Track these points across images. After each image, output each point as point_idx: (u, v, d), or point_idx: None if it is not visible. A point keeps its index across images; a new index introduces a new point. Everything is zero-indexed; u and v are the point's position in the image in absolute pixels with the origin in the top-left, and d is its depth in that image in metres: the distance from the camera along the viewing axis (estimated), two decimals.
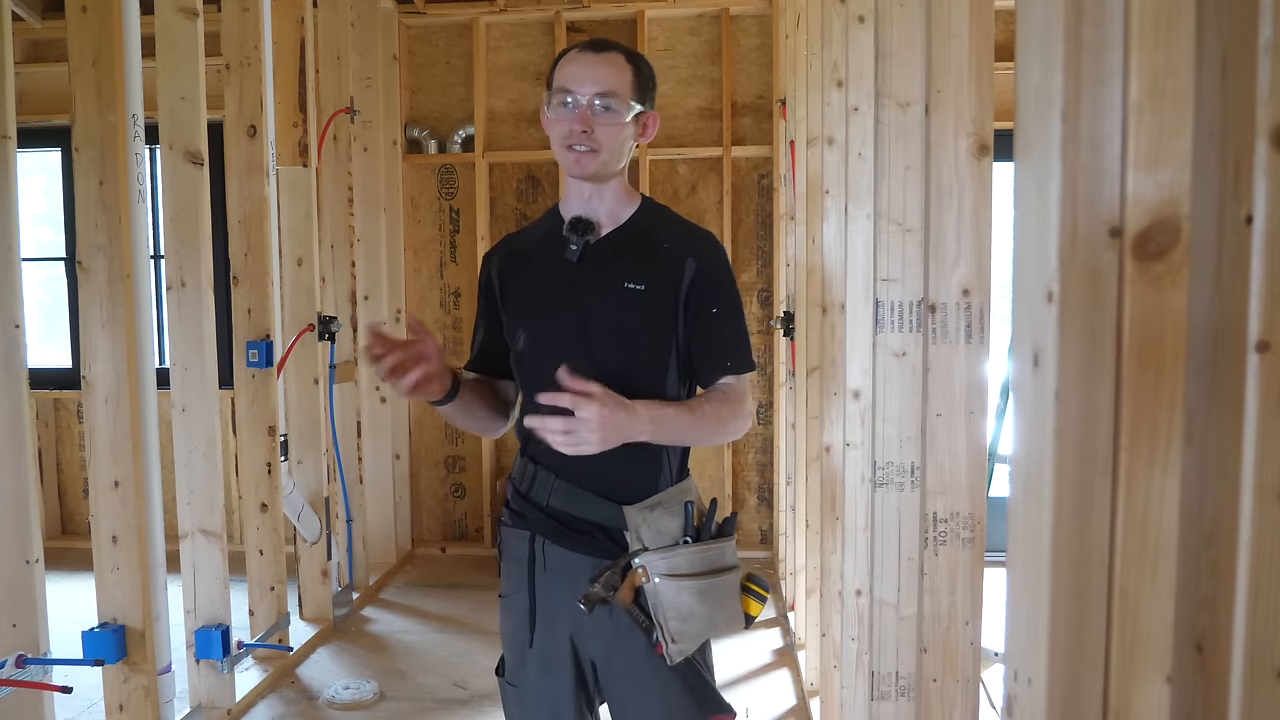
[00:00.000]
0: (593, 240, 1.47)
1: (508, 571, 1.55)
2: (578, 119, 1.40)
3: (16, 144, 2.17)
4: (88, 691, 2.78)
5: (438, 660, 3.34)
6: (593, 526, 1.46)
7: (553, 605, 1.48)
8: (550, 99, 1.44)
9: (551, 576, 1.47)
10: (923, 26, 1.49)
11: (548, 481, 1.47)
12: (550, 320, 1.47)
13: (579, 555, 1.45)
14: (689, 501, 1.46)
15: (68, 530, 4.78)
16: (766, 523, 4.51)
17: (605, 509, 1.44)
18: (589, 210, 1.49)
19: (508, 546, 1.54)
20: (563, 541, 1.47)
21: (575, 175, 1.45)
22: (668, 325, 1.45)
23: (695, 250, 1.48)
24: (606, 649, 1.46)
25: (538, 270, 1.51)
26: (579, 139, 1.41)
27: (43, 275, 4.82)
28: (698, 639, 1.41)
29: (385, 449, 4.33)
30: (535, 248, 1.54)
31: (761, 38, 4.36)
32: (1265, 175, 0.58)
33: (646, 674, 1.44)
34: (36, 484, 2.23)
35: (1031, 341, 0.69)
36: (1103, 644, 0.67)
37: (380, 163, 4.20)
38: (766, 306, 4.43)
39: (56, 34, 4.36)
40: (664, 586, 1.39)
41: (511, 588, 1.53)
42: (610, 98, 1.40)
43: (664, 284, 1.45)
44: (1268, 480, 0.59)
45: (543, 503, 1.48)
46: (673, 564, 1.40)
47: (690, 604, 1.39)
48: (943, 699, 1.56)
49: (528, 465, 1.50)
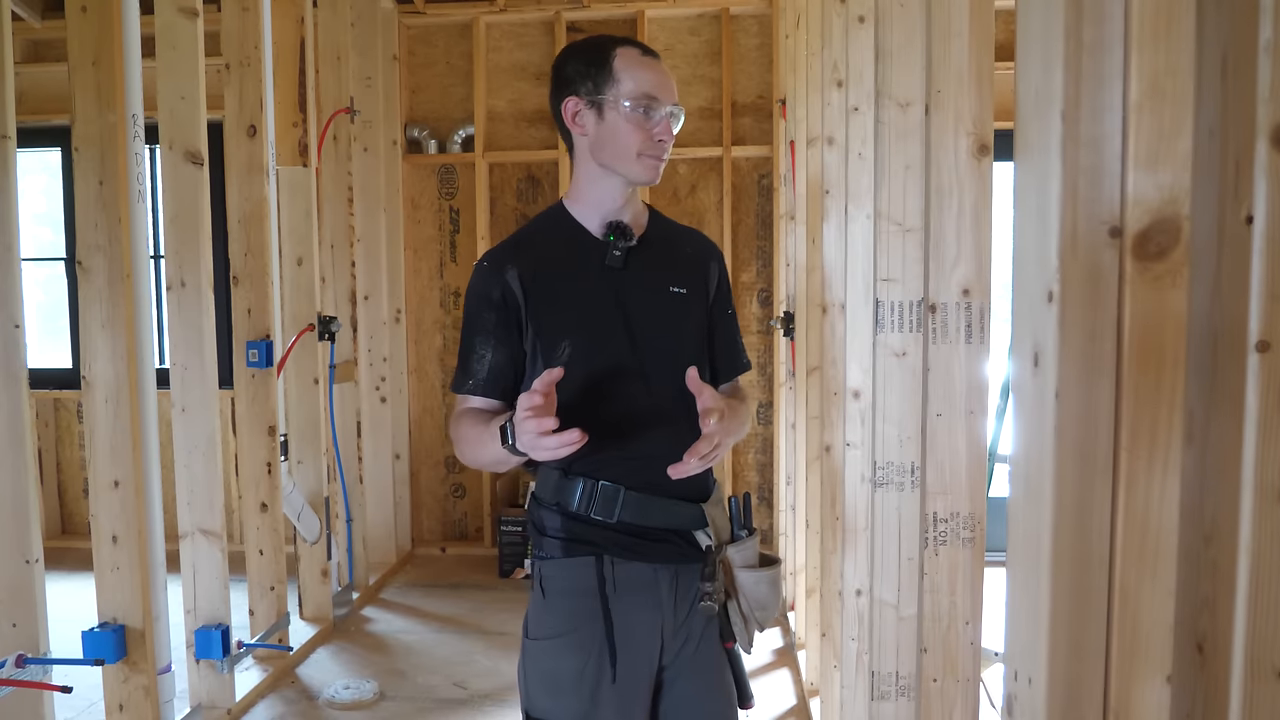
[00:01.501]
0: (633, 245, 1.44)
1: (558, 608, 1.40)
2: (664, 130, 1.39)
3: (16, 144, 2.17)
4: (88, 691, 2.78)
5: (438, 660, 3.34)
6: (669, 533, 1.41)
7: (632, 626, 1.39)
8: (620, 101, 1.38)
9: (623, 597, 1.39)
10: (923, 26, 1.49)
11: (613, 496, 1.38)
12: (599, 329, 1.40)
13: (654, 566, 1.40)
14: (732, 497, 1.48)
15: (68, 530, 4.77)
16: (766, 523, 4.51)
17: (686, 511, 1.42)
18: (623, 216, 1.45)
19: (561, 581, 1.40)
20: (637, 555, 1.39)
21: (649, 183, 1.43)
22: (703, 327, 1.49)
23: (713, 255, 1.55)
24: (678, 651, 1.44)
25: (574, 279, 1.42)
26: (661, 149, 1.40)
27: (43, 275, 4.82)
28: (767, 625, 1.48)
29: (385, 449, 4.33)
30: (563, 255, 1.44)
31: (761, 38, 4.35)
32: (1265, 175, 0.58)
33: (711, 670, 1.46)
34: (36, 484, 2.23)
35: (1031, 341, 0.69)
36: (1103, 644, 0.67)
37: (380, 163, 4.20)
38: (766, 306, 4.43)
39: (56, 34, 4.36)
40: (744, 578, 1.43)
41: (567, 624, 1.39)
42: (678, 107, 1.42)
43: (700, 287, 1.49)
44: (1268, 480, 0.59)
45: (611, 519, 1.38)
46: (745, 556, 1.44)
47: (766, 593, 1.45)
48: (943, 699, 1.56)
49: (580, 484, 1.39)
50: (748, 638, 1.46)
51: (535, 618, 1.43)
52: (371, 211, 4.17)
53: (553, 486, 1.42)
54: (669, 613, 1.41)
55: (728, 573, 1.42)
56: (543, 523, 1.43)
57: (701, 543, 1.42)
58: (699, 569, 1.40)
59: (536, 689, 1.40)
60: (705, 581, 1.36)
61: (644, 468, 1.35)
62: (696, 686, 1.44)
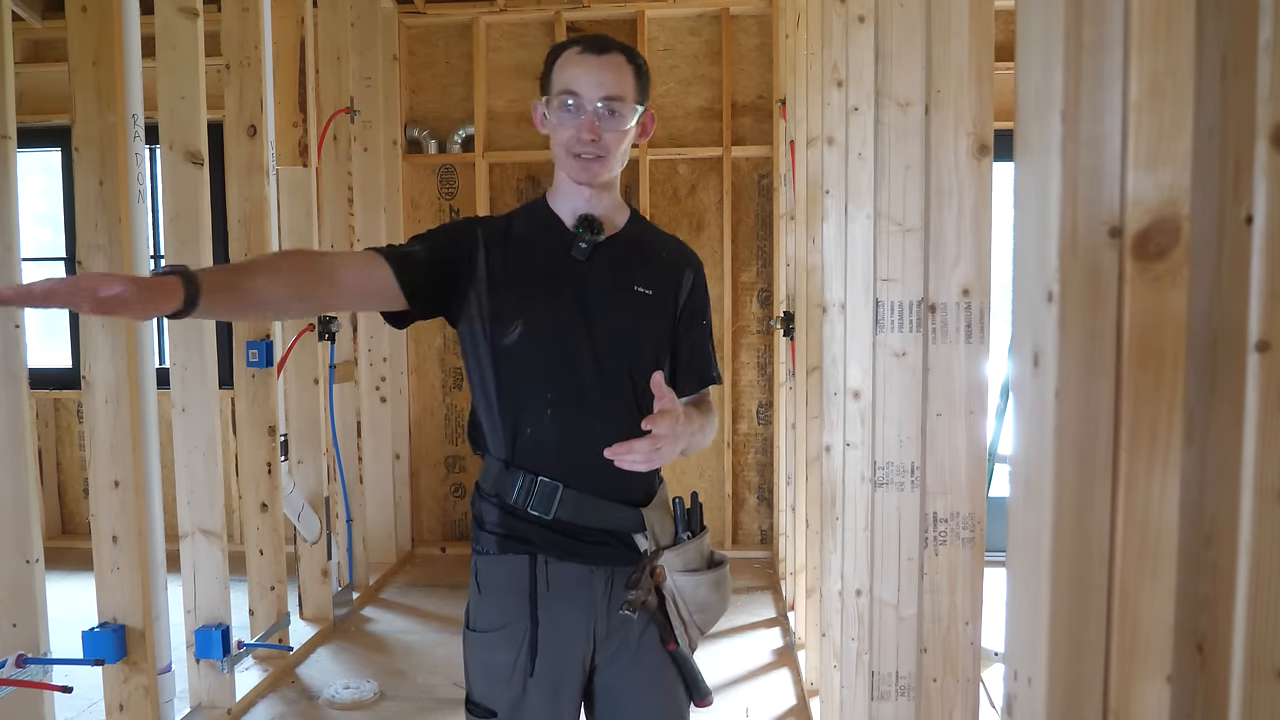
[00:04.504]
0: (600, 240, 1.43)
1: (491, 604, 1.42)
2: (586, 126, 1.36)
3: (16, 144, 2.17)
4: (88, 691, 2.78)
5: (438, 660, 3.34)
6: (606, 534, 1.41)
7: (562, 626, 1.40)
8: (551, 101, 1.39)
9: (556, 596, 1.40)
10: (923, 26, 1.49)
11: (551, 493, 1.38)
12: (553, 315, 1.40)
13: (589, 567, 1.41)
14: (677, 498, 1.49)
15: (68, 530, 4.77)
16: (766, 523, 4.51)
17: (624, 513, 1.42)
18: (593, 211, 1.45)
19: (493, 578, 1.42)
20: (572, 556, 1.40)
21: (582, 182, 1.41)
22: (666, 332, 1.48)
23: (691, 263, 1.54)
24: (614, 653, 1.44)
25: (538, 260, 1.42)
26: (588, 147, 1.38)
27: (43, 275, 4.81)
28: (710, 628, 1.47)
29: (385, 449, 4.33)
30: (533, 240, 1.45)
31: (761, 38, 4.36)
32: (1265, 175, 0.58)
33: (652, 671, 1.45)
34: (36, 484, 2.23)
35: (1031, 341, 0.69)
36: (1103, 644, 0.67)
37: (380, 163, 4.20)
38: (766, 306, 4.43)
39: (56, 34, 4.35)
40: (682, 582, 1.43)
41: (500, 619, 1.41)
42: (616, 102, 1.37)
43: (669, 292, 1.49)
44: (1268, 480, 0.59)
45: (547, 517, 1.38)
46: (686, 559, 1.44)
47: (707, 595, 1.45)
48: (943, 699, 1.56)
49: (520, 478, 1.39)
50: (689, 640, 1.46)
51: (474, 610, 1.45)
52: (371, 211, 4.17)
53: (493, 478, 1.42)
54: (602, 614, 1.41)
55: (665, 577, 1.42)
56: (482, 516, 1.44)
57: (640, 546, 1.42)
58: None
59: (476, 677, 1.44)
60: (629, 589, 1.38)
61: (589, 466, 1.34)
62: (634, 688, 1.45)
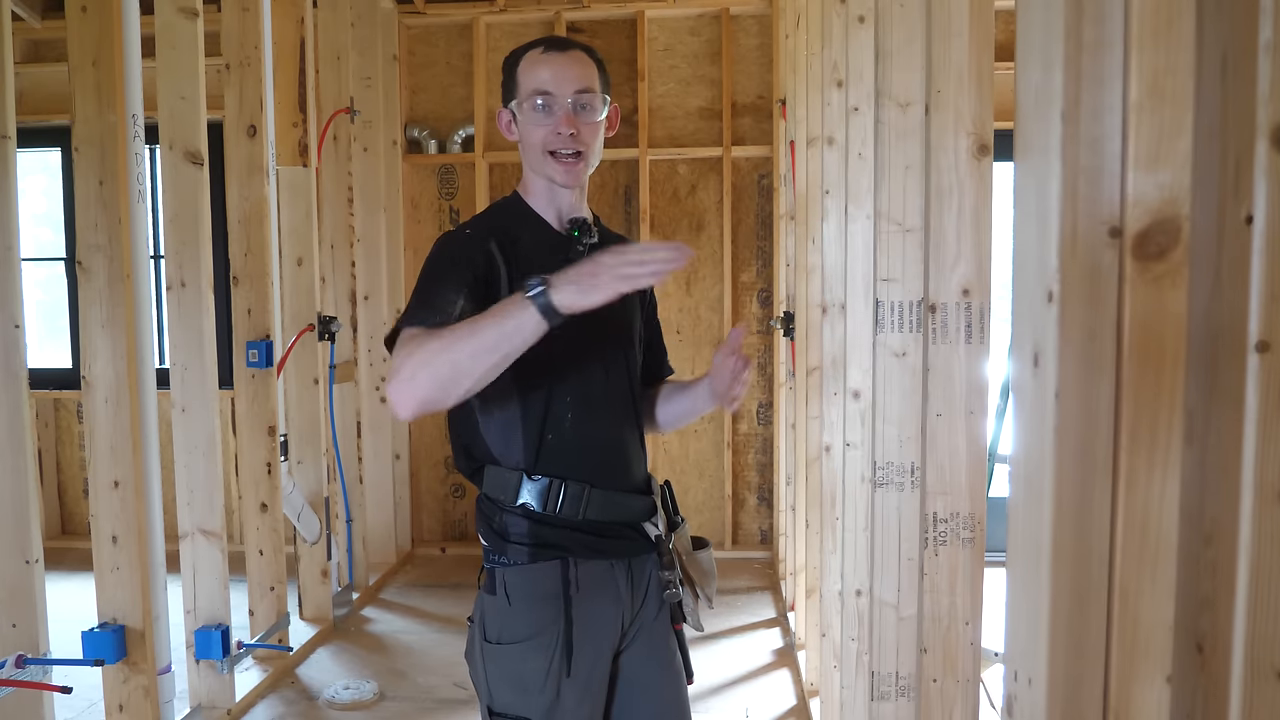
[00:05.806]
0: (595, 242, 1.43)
1: (522, 614, 1.38)
2: (564, 121, 1.36)
3: (16, 144, 2.17)
4: (88, 691, 2.78)
5: (438, 660, 3.34)
6: (624, 527, 1.43)
7: (594, 623, 1.40)
8: (521, 105, 1.39)
9: (585, 596, 1.39)
10: (923, 26, 1.49)
11: (579, 495, 1.38)
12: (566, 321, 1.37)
13: (611, 561, 1.42)
14: (665, 483, 1.54)
15: (68, 530, 4.77)
16: (766, 523, 4.51)
17: (640, 503, 1.46)
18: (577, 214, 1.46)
19: (525, 586, 1.39)
20: (598, 553, 1.40)
21: (565, 184, 1.41)
22: (640, 326, 1.55)
23: None
24: (633, 638, 1.46)
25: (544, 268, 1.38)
26: (567, 142, 1.37)
27: (43, 275, 4.82)
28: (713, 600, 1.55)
29: (385, 449, 4.33)
30: (530, 243, 1.43)
31: (761, 38, 4.35)
32: (1265, 175, 0.58)
33: (663, 651, 1.49)
34: (36, 484, 2.23)
35: (1031, 341, 0.69)
36: (1103, 644, 0.67)
37: (380, 163, 4.20)
38: (766, 306, 4.43)
39: (56, 34, 4.35)
40: (700, 558, 1.52)
41: (533, 628, 1.38)
42: (587, 94, 1.38)
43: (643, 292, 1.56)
44: (1268, 480, 0.59)
45: (575, 519, 1.38)
46: (684, 541, 1.51)
47: (711, 566, 1.54)
48: (943, 699, 1.56)
49: (548, 485, 1.38)
50: (698, 617, 1.53)
51: (498, 623, 1.39)
52: (371, 211, 4.17)
53: (513, 489, 1.39)
54: (627, 605, 1.44)
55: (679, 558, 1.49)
56: (506, 529, 1.40)
57: (650, 533, 1.45)
58: (648, 559, 1.46)
59: (501, 687, 1.39)
60: (666, 570, 1.43)
61: (611, 463, 1.41)
62: (651, 669, 1.48)
